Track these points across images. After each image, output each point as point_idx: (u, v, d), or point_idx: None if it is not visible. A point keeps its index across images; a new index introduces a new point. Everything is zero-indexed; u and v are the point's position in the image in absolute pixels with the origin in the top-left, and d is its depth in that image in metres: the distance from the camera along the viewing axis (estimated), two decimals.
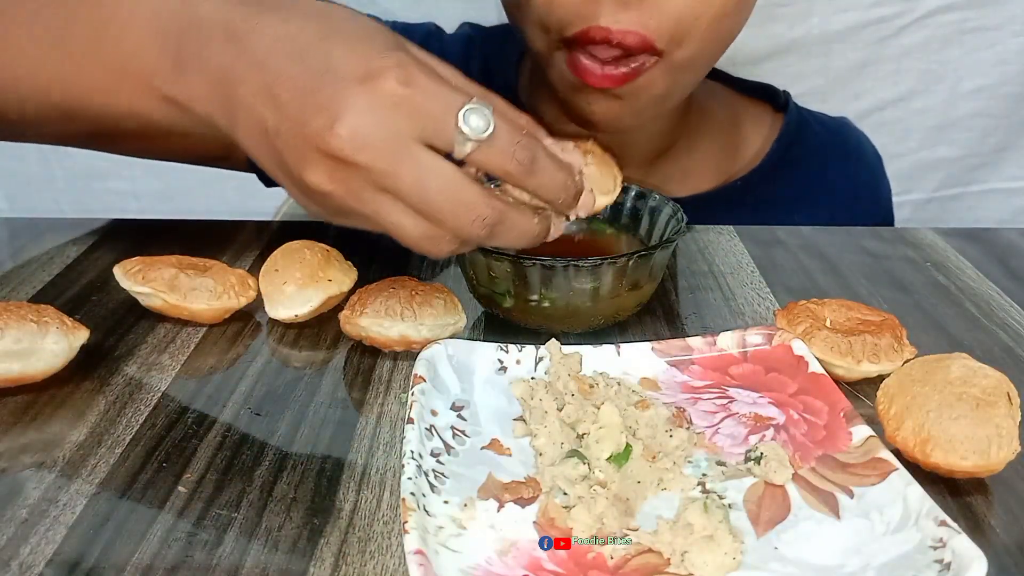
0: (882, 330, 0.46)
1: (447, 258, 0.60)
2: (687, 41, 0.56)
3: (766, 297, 0.56)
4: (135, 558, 0.35)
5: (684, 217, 0.52)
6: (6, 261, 0.60)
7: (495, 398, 0.43)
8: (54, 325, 0.45)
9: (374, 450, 0.41)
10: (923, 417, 0.39)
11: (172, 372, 0.47)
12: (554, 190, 0.42)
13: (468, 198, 0.39)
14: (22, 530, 0.36)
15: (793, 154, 0.74)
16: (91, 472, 0.39)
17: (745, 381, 0.45)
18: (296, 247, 0.52)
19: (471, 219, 0.40)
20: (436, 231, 0.40)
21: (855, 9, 1.11)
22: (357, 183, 0.39)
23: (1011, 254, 0.63)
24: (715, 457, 0.40)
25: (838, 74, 1.14)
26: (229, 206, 1.15)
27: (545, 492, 0.38)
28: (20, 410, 0.44)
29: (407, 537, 0.32)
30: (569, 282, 0.48)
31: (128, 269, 0.51)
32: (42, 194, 1.22)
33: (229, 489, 0.39)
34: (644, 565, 0.34)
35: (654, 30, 0.54)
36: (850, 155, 0.79)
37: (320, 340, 0.50)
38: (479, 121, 0.38)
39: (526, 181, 0.41)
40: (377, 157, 0.38)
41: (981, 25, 1.12)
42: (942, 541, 0.33)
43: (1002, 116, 1.17)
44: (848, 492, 0.37)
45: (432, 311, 0.48)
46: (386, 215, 0.40)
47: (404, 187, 0.39)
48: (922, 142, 1.19)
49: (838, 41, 1.13)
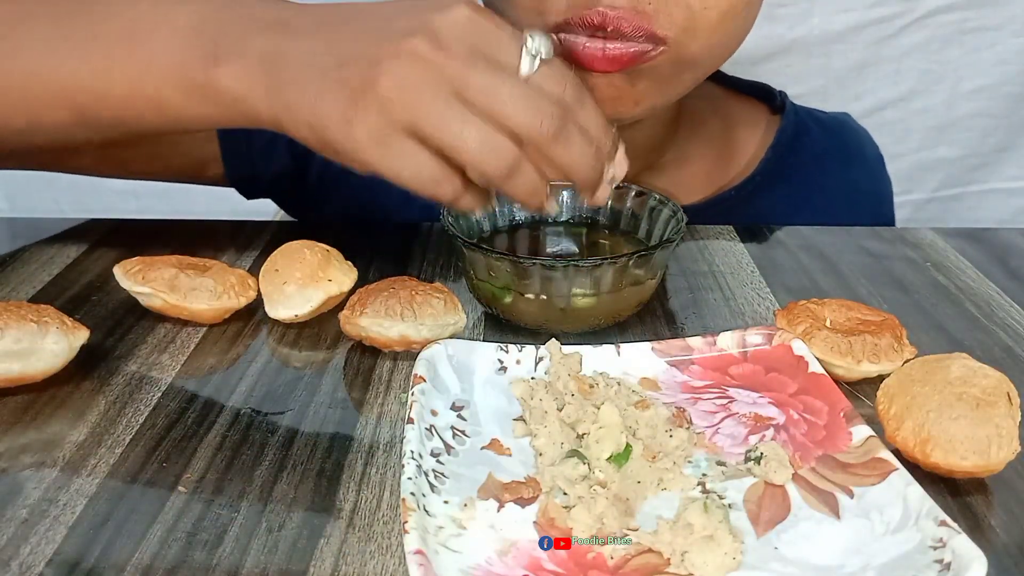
0: (882, 330, 0.46)
1: (446, 261, 0.60)
2: (697, 32, 0.55)
3: (766, 297, 0.56)
4: (135, 558, 0.35)
5: (684, 217, 0.52)
6: (6, 261, 0.60)
7: (495, 398, 0.43)
8: (54, 325, 0.45)
9: (374, 450, 0.41)
10: (923, 417, 0.39)
11: (172, 372, 0.47)
12: (601, 123, 0.44)
13: (537, 99, 0.42)
14: (22, 530, 0.36)
15: (789, 162, 0.72)
16: (91, 472, 0.39)
17: (745, 381, 0.45)
18: (296, 247, 0.52)
19: (540, 116, 0.42)
20: (499, 140, 0.41)
21: (855, 9, 1.11)
22: (429, 85, 0.41)
23: (1011, 254, 0.63)
24: (715, 457, 0.40)
25: (838, 74, 1.14)
26: (229, 206, 1.14)
27: (545, 492, 0.38)
28: (20, 410, 0.44)
29: (407, 537, 0.32)
30: (569, 282, 0.48)
31: (128, 269, 0.51)
32: (42, 194, 1.22)
33: (229, 489, 0.39)
34: (644, 565, 0.34)
35: (651, 14, 0.53)
36: (851, 160, 0.77)
37: (320, 340, 0.50)
38: (544, 42, 0.42)
39: (579, 108, 0.43)
40: (453, 56, 0.41)
41: (981, 25, 1.12)
42: (942, 541, 0.33)
43: (1002, 116, 1.18)
44: (848, 492, 0.37)
45: (432, 311, 0.48)
46: (451, 120, 0.41)
47: (476, 86, 0.41)
48: (922, 142, 1.20)
49: (838, 41, 1.13)
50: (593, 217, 0.57)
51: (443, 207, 0.52)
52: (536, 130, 0.42)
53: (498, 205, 0.56)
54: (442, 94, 0.41)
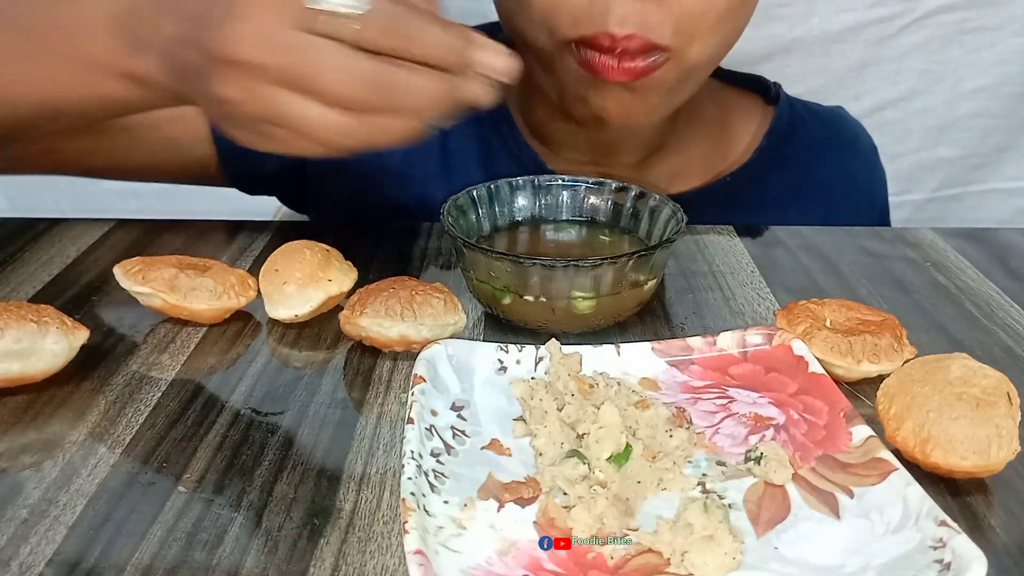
0: (882, 330, 0.46)
1: (446, 261, 0.60)
2: (697, 38, 0.57)
3: (766, 297, 0.56)
4: (135, 558, 0.35)
5: (684, 217, 0.52)
6: (6, 261, 0.60)
7: (495, 398, 0.43)
8: (54, 325, 0.45)
9: (374, 450, 0.41)
10: (923, 417, 0.39)
11: (172, 372, 0.47)
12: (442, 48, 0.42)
13: (356, 64, 0.40)
14: (22, 530, 0.36)
15: (785, 150, 0.74)
16: (91, 472, 0.39)
17: (745, 381, 0.45)
18: (296, 247, 0.52)
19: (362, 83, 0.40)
20: (341, 117, 0.41)
21: (855, 9, 1.11)
22: (256, 84, 0.41)
23: (1011, 254, 0.63)
24: (715, 457, 0.40)
25: (838, 74, 1.14)
26: (229, 206, 1.14)
27: (545, 492, 0.38)
28: (20, 410, 0.44)
29: (407, 537, 0.32)
30: (569, 282, 0.48)
31: (128, 269, 0.51)
32: (42, 194, 1.22)
33: (229, 489, 0.39)
34: (644, 565, 0.34)
35: (656, 28, 0.55)
36: (845, 149, 0.78)
37: (320, 340, 0.50)
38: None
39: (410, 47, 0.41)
40: (264, 52, 0.40)
41: (981, 25, 1.12)
42: (942, 541, 0.33)
43: (1002, 116, 1.17)
44: (848, 492, 0.37)
45: (432, 311, 0.48)
46: (289, 109, 0.41)
47: (296, 72, 0.40)
48: (922, 142, 1.19)
49: (838, 41, 1.13)
50: (593, 217, 0.57)
51: (443, 207, 0.52)
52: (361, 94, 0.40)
53: (498, 205, 0.56)
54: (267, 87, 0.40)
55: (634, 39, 0.55)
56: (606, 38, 0.56)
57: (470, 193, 0.55)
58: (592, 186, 0.57)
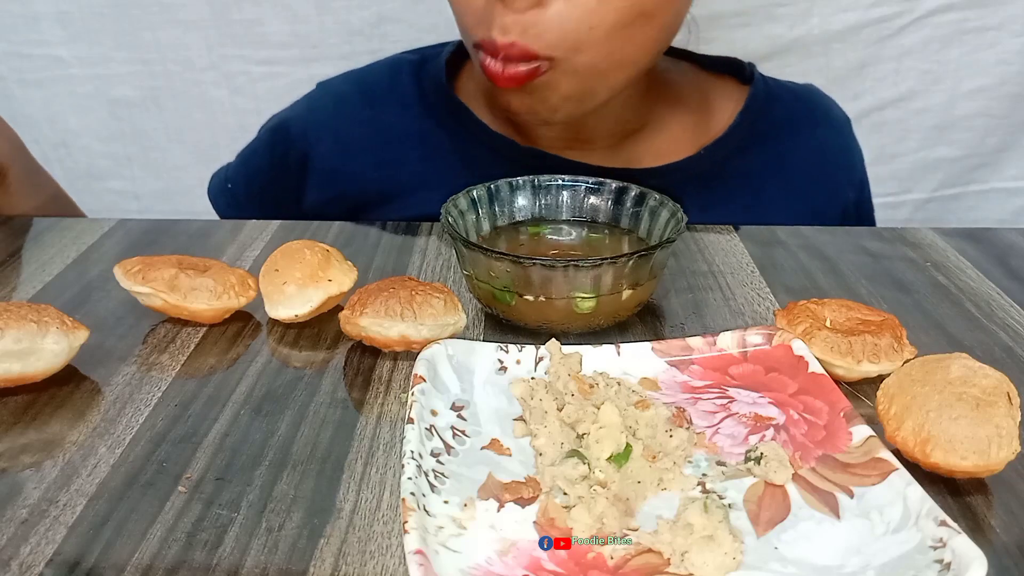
0: (882, 330, 0.46)
1: (446, 261, 0.60)
2: (585, 48, 0.60)
3: (766, 297, 0.56)
4: (135, 558, 0.35)
5: (684, 217, 0.52)
6: (6, 261, 0.60)
7: (495, 398, 0.43)
8: (54, 325, 0.45)
9: (374, 450, 0.41)
10: (923, 417, 0.39)
11: (172, 372, 0.47)
12: None
13: None
14: (22, 530, 0.36)
15: (761, 125, 0.75)
16: (91, 472, 0.39)
17: (745, 381, 0.45)
18: (296, 247, 0.52)
19: None
20: None
21: (855, 9, 1.11)
22: None
23: (1011, 254, 0.63)
24: (715, 457, 0.40)
25: (838, 74, 1.14)
26: None
27: (545, 492, 0.38)
28: (20, 410, 0.44)
29: (407, 537, 0.32)
30: (569, 282, 0.48)
31: (128, 269, 0.51)
32: None
33: (229, 489, 0.39)
34: (644, 565, 0.34)
35: (534, 39, 0.59)
36: (818, 121, 0.80)
37: (320, 340, 0.50)
38: None
39: None
40: None
41: (981, 25, 1.12)
42: (942, 541, 0.33)
43: (1002, 116, 1.17)
44: (848, 492, 0.37)
45: (432, 311, 0.48)
46: None
47: None
48: (922, 142, 1.19)
49: (838, 41, 1.13)
50: (593, 217, 0.57)
51: (443, 207, 0.52)
52: None
53: (498, 205, 0.56)
54: None
55: (515, 47, 0.59)
56: (491, 45, 0.60)
57: (470, 193, 0.55)
58: (592, 186, 0.57)
